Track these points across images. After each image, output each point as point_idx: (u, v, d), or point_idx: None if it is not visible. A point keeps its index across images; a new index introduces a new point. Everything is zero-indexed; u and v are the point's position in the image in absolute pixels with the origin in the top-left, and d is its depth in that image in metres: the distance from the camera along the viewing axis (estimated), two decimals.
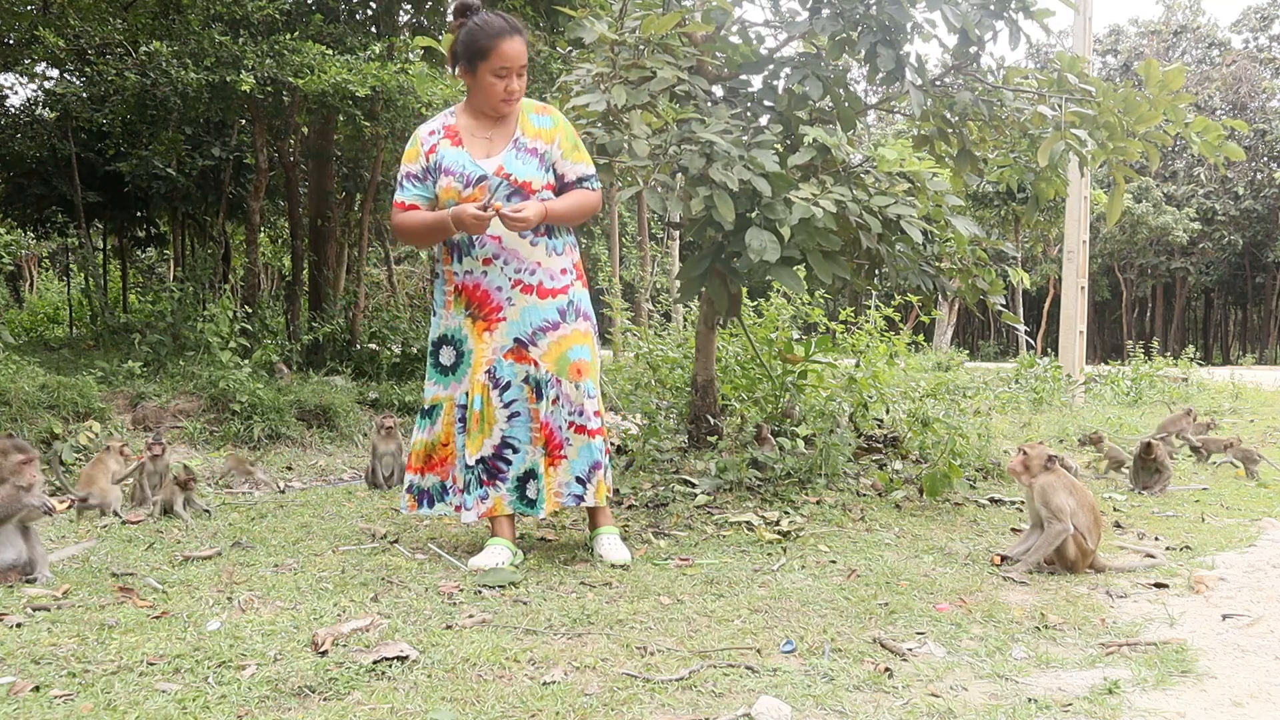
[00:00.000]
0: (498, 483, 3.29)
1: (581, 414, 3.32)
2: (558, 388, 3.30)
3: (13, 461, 2.89)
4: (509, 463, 3.29)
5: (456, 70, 3.25)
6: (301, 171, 12.20)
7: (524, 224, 3.14)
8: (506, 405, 3.29)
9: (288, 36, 8.67)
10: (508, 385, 3.29)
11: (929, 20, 4.20)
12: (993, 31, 4.25)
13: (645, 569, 3.19)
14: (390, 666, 2.16)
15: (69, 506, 3.55)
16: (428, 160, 3.29)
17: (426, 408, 3.46)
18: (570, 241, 3.45)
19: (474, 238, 3.27)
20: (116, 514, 4.13)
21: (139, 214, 13.84)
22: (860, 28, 4.13)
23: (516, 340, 3.30)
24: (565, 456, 3.30)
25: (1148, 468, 5.21)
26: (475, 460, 3.30)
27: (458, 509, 3.40)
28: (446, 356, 3.40)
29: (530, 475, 3.30)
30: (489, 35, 3.14)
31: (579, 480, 3.31)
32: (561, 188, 3.35)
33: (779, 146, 4.10)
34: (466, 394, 3.34)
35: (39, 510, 2.92)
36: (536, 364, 3.30)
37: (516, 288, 3.29)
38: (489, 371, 3.29)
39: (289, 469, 7.05)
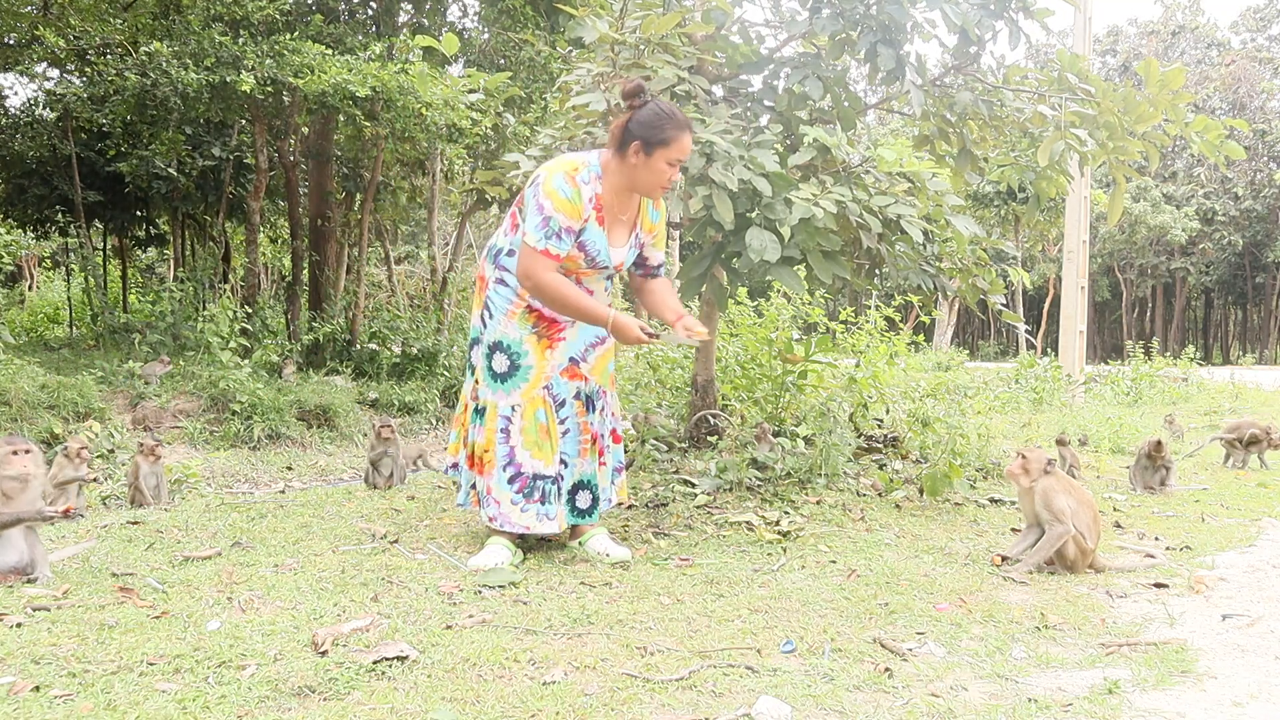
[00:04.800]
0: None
1: (614, 419, 3.57)
2: (604, 399, 3.49)
3: (7, 453, 2.89)
4: (563, 478, 3.40)
5: (629, 148, 3.11)
6: (301, 171, 12.20)
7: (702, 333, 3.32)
8: (561, 421, 3.38)
9: (288, 37, 8.68)
10: (563, 403, 3.38)
11: (929, 20, 4.20)
12: (993, 31, 4.26)
13: (645, 569, 3.19)
14: (390, 666, 2.16)
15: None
16: (581, 225, 3.18)
17: (480, 407, 3.39)
18: None
19: None
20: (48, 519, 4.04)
21: (139, 214, 13.83)
22: (860, 28, 4.13)
23: (571, 359, 3.38)
24: (605, 464, 3.52)
25: (1153, 466, 5.21)
26: (552, 473, 3.32)
27: (534, 521, 3.33)
28: (499, 364, 3.33)
29: (581, 486, 3.45)
30: (675, 126, 3.10)
31: (610, 484, 3.55)
32: (638, 262, 3.45)
33: (779, 146, 4.10)
34: (514, 406, 3.30)
35: (43, 516, 2.93)
36: (586, 379, 3.43)
37: None
38: (547, 388, 3.33)
39: (289, 469, 7.05)
